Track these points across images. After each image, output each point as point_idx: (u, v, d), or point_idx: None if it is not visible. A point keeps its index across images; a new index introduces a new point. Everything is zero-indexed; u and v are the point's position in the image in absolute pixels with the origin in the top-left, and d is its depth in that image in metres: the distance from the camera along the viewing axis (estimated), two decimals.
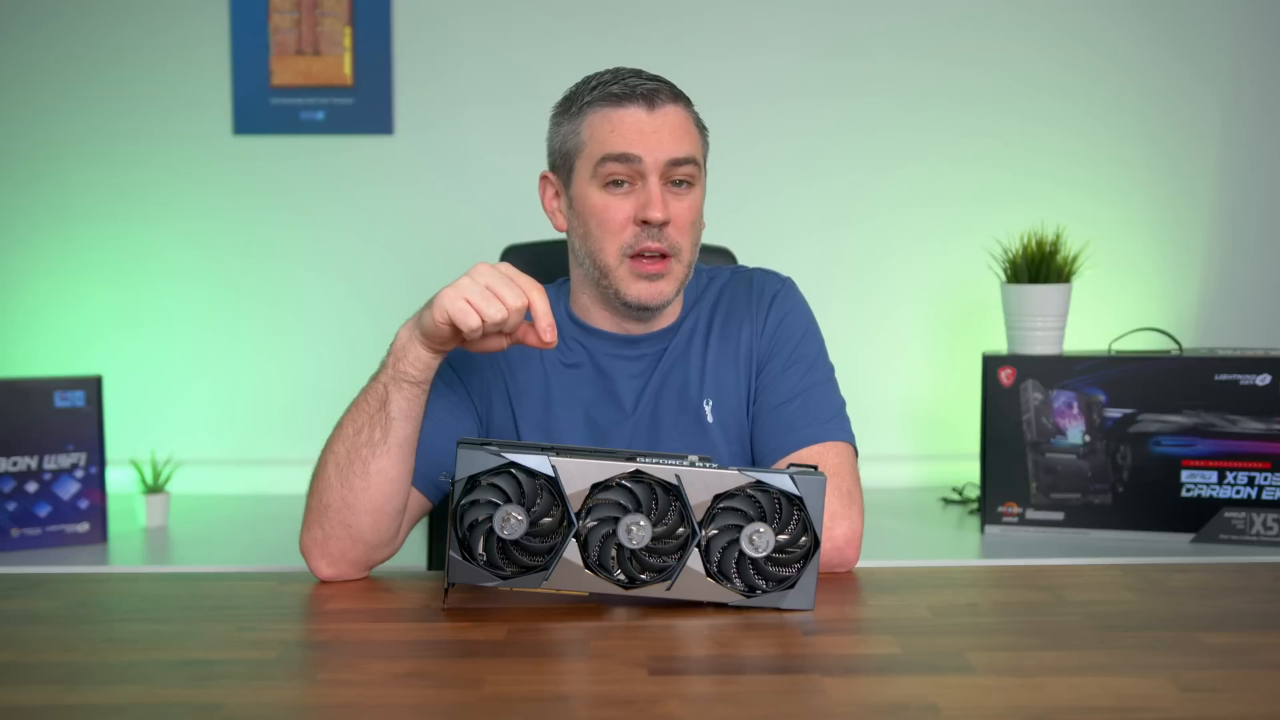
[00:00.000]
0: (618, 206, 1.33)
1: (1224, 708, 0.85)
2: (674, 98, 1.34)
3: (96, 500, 2.05)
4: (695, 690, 0.89)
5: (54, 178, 2.61)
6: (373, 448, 1.23)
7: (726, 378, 1.41)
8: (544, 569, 1.07)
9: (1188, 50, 2.64)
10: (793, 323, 1.43)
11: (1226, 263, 2.67)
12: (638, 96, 1.32)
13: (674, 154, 1.32)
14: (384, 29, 2.58)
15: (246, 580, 1.24)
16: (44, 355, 2.61)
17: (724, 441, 1.39)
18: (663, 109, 1.32)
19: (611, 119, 1.32)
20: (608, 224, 1.33)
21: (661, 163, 1.32)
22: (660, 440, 1.38)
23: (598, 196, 1.33)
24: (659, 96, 1.32)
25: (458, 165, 2.60)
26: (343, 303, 2.62)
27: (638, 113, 1.32)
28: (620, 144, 1.31)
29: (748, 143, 2.59)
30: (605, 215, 1.33)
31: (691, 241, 1.36)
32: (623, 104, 1.32)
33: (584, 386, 1.40)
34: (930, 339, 2.65)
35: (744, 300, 1.44)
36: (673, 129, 1.32)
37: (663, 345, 1.42)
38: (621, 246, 1.33)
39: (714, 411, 1.39)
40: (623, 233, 1.33)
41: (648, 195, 1.31)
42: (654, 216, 1.30)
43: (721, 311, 1.44)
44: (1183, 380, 2.11)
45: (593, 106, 1.34)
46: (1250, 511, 2.09)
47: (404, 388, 1.22)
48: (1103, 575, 1.23)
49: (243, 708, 0.86)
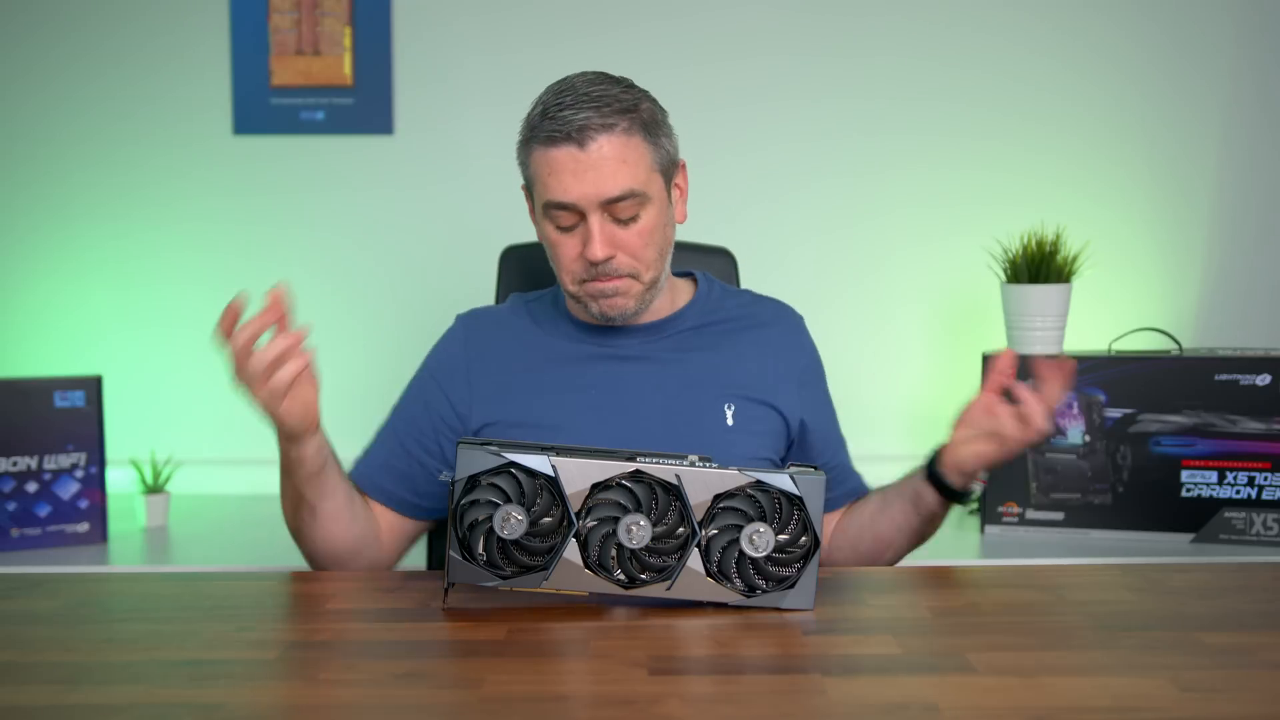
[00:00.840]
0: (567, 244, 1.36)
1: (1224, 708, 0.85)
2: (605, 128, 1.31)
3: (96, 500, 2.05)
4: (695, 690, 0.89)
5: (54, 178, 2.61)
6: (313, 518, 1.31)
7: (752, 388, 1.43)
8: (544, 569, 1.07)
9: (1188, 50, 2.63)
10: (823, 376, 1.54)
11: (1226, 263, 2.67)
12: (566, 137, 1.31)
13: (608, 193, 1.32)
14: (384, 29, 2.58)
15: (246, 580, 1.24)
16: (44, 355, 2.61)
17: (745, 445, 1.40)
18: (594, 144, 1.31)
19: (549, 162, 1.33)
20: (559, 259, 1.38)
21: (596, 203, 1.32)
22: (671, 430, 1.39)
23: (550, 232, 1.37)
24: (587, 132, 1.30)
25: (458, 165, 2.59)
26: (342, 302, 2.62)
27: (570, 152, 1.31)
28: (557, 192, 1.32)
29: (747, 143, 2.59)
30: (557, 251, 1.37)
31: (651, 258, 1.38)
32: (556, 144, 1.32)
33: (593, 375, 1.42)
34: (930, 339, 2.65)
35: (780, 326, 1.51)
36: (608, 163, 1.31)
37: (660, 332, 1.45)
38: (574, 277, 1.38)
39: (735, 416, 1.41)
40: (574, 266, 1.37)
41: (588, 235, 1.33)
42: (593, 256, 1.33)
43: (750, 328, 1.48)
44: (1183, 380, 2.11)
45: (534, 144, 1.35)
46: (1250, 511, 2.09)
47: (311, 480, 1.27)
48: (1103, 575, 1.23)
49: (243, 708, 0.86)
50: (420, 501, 1.40)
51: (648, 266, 1.37)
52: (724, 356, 1.44)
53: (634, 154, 1.33)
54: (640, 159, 1.34)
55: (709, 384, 1.41)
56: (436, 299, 2.55)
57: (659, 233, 1.38)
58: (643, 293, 1.39)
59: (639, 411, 1.39)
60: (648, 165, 1.35)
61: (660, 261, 1.40)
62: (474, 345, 1.45)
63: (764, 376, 1.44)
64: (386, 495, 1.40)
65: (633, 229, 1.35)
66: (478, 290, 2.22)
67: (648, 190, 1.35)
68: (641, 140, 1.34)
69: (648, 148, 1.35)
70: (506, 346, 1.44)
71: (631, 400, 1.39)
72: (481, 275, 2.21)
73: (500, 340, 1.45)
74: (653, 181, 1.36)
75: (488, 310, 1.54)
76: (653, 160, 1.36)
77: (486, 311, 1.53)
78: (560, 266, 1.38)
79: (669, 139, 1.39)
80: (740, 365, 1.44)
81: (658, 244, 1.38)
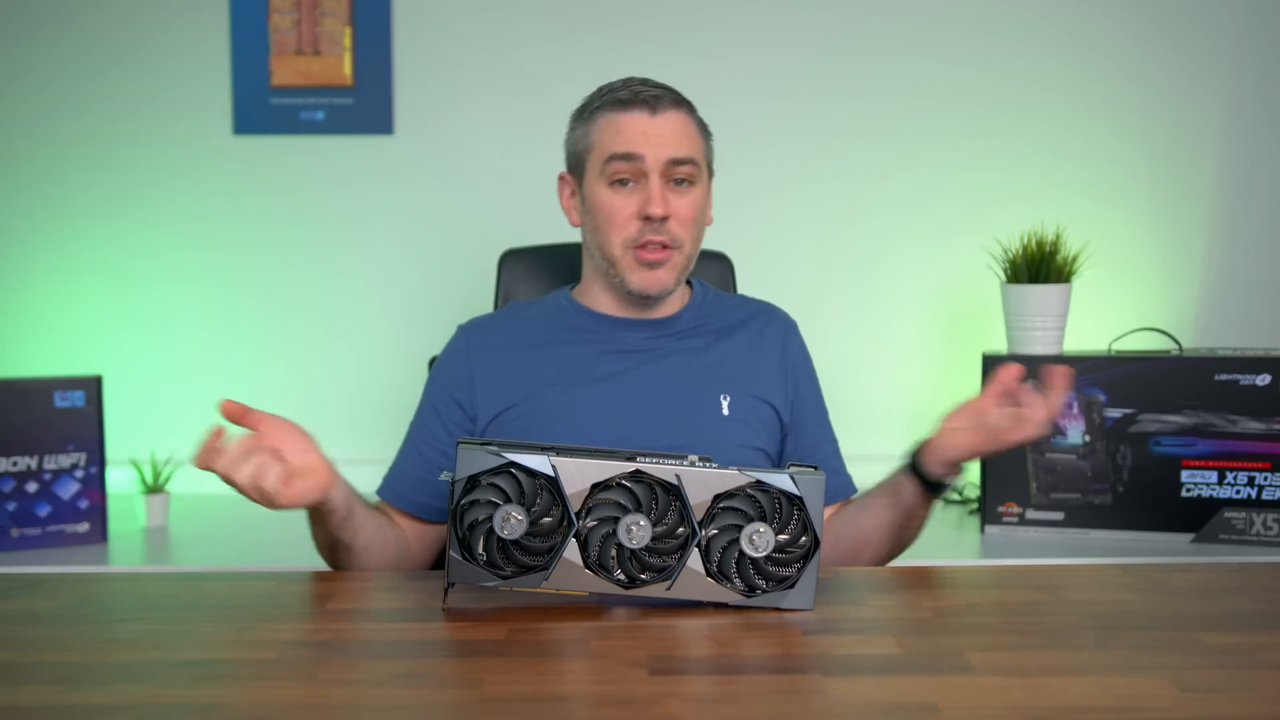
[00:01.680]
0: (622, 203, 1.42)
1: (1224, 708, 0.85)
2: (676, 104, 1.44)
3: (96, 500, 2.05)
4: (695, 690, 0.89)
5: (54, 178, 2.61)
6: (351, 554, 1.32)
7: (745, 379, 1.49)
8: (544, 569, 1.07)
9: (1188, 50, 2.63)
10: (815, 378, 1.57)
11: (1226, 263, 2.67)
12: (641, 102, 1.42)
13: (674, 153, 1.41)
14: (384, 29, 2.58)
15: (246, 580, 1.24)
16: (44, 355, 2.61)
17: (741, 432, 1.44)
18: (665, 114, 1.42)
19: (617, 122, 1.42)
20: (614, 219, 1.42)
21: (662, 161, 1.41)
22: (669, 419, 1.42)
23: (605, 194, 1.43)
24: (661, 102, 1.42)
25: (458, 165, 2.59)
26: (342, 302, 2.62)
27: (641, 116, 1.41)
28: (624, 144, 1.41)
29: (747, 144, 2.59)
30: (611, 210, 1.42)
31: (693, 236, 1.45)
32: (628, 109, 1.42)
33: (594, 365, 1.46)
34: (930, 339, 2.65)
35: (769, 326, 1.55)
36: (674, 131, 1.42)
37: (665, 329, 1.50)
38: (626, 239, 1.43)
39: (731, 407, 1.44)
40: (627, 227, 1.42)
41: (649, 192, 1.40)
42: (654, 212, 1.39)
43: (743, 326, 1.53)
44: (1183, 380, 2.11)
45: (601, 111, 1.44)
46: (1250, 511, 2.09)
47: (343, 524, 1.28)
48: (1103, 575, 1.23)
49: (243, 708, 0.86)
50: (442, 505, 1.44)
51: (690, 241, 1.45)
52: (719, 353, 1.50)
53: (694, 134, 1.45)
54: (697, 143, 1.46)
55: (705, 376, 1.48)
56: (436, 298, 2.55)
57: (702, 214, 1.47)
58: (680, 268, 1.45)
59: (638, 401, 1.44)
60: (702, 151, 1.47)
61: (695, 244, 1.47)
62: (475, 346, 1.51)
63: (756, 371, 1.50)
64: (409, 503, 1.44)
65: (686, 198, 1.43)
66: (477, 290, 2.22)
67: (701, 168, 1.46)
68: (697, 129, 1.47)
69: (701, 138, 1.47)
70: (507, 340, 1.50)
71: (631, 390, 1.44)
72: (481, 275, 2.21)
73: (500, 335, 1.52)
74: (704, 167, 1.47)
75: (486, 316, 1.59)
76: (704, 150, 1.48)
77: (485, 317, 1.59)
78: (613, 226, 1.43)
79: (711, 145, 1.51)
80: (734, 360, 1.50)
81: (700, 224, 1.47)
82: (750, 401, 1.47)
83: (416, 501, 1.44)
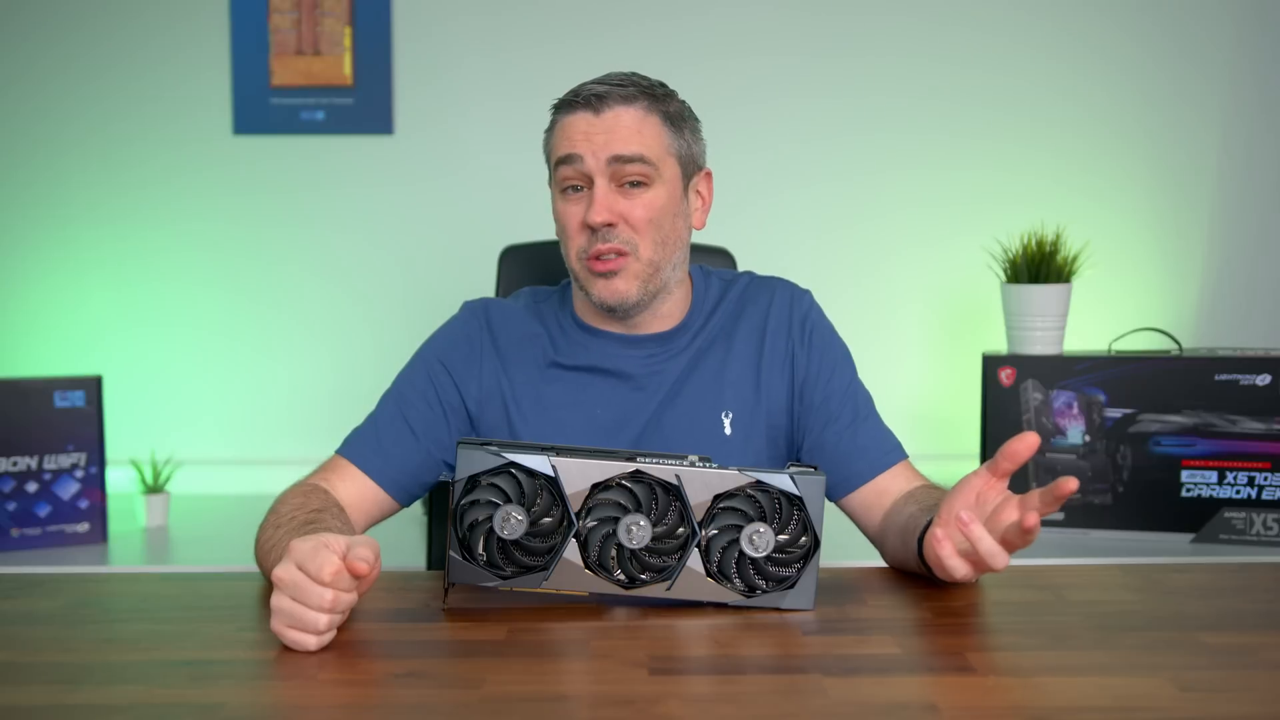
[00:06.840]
0: (571, 212, 1.34)
1: (1224, 708, 0.85)
2: (628, 100, 1.33)
3: (96, 500, 2.05)
4: (695, 690, 0.89)
5: (54, 178, 2.61)
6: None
7: (747, 389, 1.39)
8: (544, 569, 1.07)
9: (1188, 50, 2.63)
10: (834, 341, 1.44)
11: (1226, 263, 2.67)
12: (583, 101, 1.33)
13: (618, 150, 1.31)
14: (384, 29, 2.58)
15: (246, 580, 1.24)
16: (44, 355, 2.61)
17: (744, 454, 1.38)
18: (611, 110, 1.32)
19: (561, 125, 1.35)
20: (565, 229, 1.35)
21: (603, 161, 1.31)
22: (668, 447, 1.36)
23: (559, 203, 1.36)
24: (607, 100, 1.32)
25: (457, 165, 2.59)
26: (342, 302, 2.62)
27: (584, 116, 1.33)
28: (566, 146, 1.33)
29: (747, 144, 2.59)
30: (563, 220, 1.36)
31: (652, 240, 1.34)
32: (572, 110, 1.34)
33: (588, 388, 1.39)
34: (930, 339, 2.65)
35: (772, 311, 1.43)
36: (621, 128, 1.32)
37: (669, 346, 1.41)
38: (578, 250, 1.35)
39: (733, 424, 1.38)
40: (578, 237, 1.34)
41: (591, 198, 1.32)
42: (592, 219, 1.31)
43: (745, 321, 1.43)
44: (1183, 380, 2.11)
45: (554, 115, 1.37)
46: (1250, 511, 2.09)
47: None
48: (1103, 575, 1.23)
49: (243, 708, 0.86)
50: (408, 484, 1.37)
51: (650, 245, 1.34)
52: (721, 363, 1.41)
53: (650, 130, 1.34)
54: (656, 137, 1.34)
55: (706, 394, 1.39)
56: (436, 297, 2.55)
57: (665, 218, 1.35)
58: (642, 276, 1.35)
59: (635, 427, 1.37)
60: (663, 146, 1.35)
61: (662, 249, 1.35)
62: (479, 342, 1.41)
63: (759, 377, 1.40)
64: (379, 474, 1.35)
65: (638, 199, 1.33)
66: (477, 289, 2.22)
67: (660, 166, 1.34)
68: (660, 122, 1.35)
69: (666, 130, 1.35)
70: (512, 351, 1.41)
71: (629, 419, 1.37)
72: (481, 274, 2.21)
73: (507, 339, 1.41)
74: (667, 164, 1.35)
75: (498, 306, 1.47)
76: (670, 145, 1.35)
77: (497, 307, 1.47)
78: (566, 238, 1.35)
79: (694, 139, 1.39)
80: (736, 368, 1.40)
81: (662, 228, 1.35)
82: (754, 413, 1.39)
83: (386, 474, 1.35)
